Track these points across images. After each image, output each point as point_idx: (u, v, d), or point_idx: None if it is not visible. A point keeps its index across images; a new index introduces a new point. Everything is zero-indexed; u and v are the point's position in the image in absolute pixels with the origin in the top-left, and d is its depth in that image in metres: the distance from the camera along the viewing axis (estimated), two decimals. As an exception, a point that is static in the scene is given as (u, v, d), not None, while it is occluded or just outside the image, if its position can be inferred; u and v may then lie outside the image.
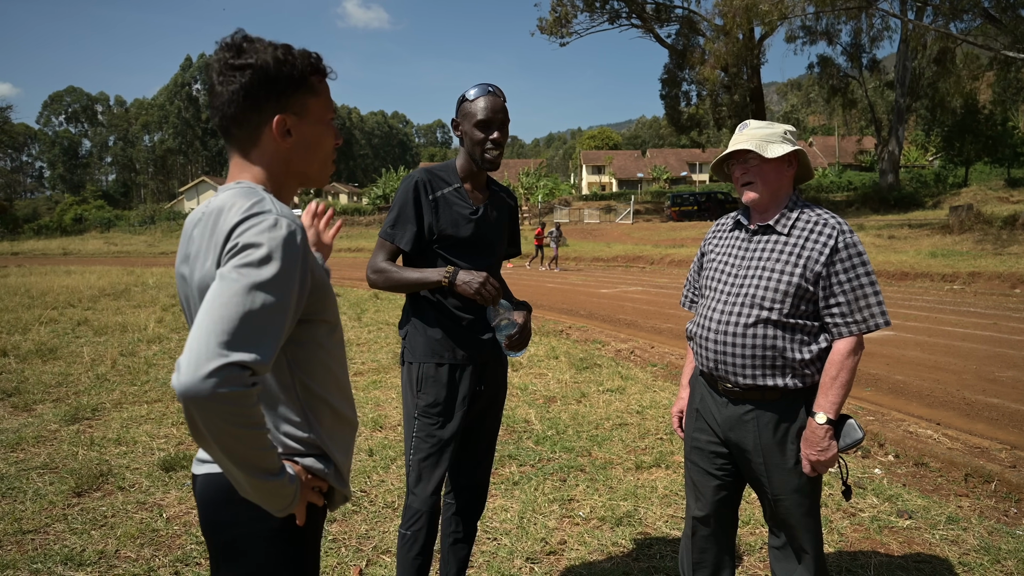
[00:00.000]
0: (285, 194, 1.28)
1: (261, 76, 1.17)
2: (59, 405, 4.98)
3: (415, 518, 2.12)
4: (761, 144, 1.89)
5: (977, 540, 2.95)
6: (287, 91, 1.20)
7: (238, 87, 1.16)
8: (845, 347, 1.85)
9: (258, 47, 1.18)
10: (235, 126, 1.21)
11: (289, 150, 1.24)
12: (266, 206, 1.13)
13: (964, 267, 14.21)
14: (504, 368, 2.34)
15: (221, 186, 1.25)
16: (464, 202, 2.16)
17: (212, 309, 1.02)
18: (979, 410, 5.01)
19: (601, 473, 3.72)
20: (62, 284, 13.88)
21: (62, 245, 39.20)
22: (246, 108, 1.18)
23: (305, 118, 1.24)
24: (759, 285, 1.90)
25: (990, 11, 22.42)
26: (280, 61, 1.18)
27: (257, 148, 1.23)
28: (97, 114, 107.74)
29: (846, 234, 1.86)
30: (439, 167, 2.21)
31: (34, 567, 2.66)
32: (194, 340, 0.99)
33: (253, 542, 1.22)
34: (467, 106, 2.11)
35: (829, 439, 1.83)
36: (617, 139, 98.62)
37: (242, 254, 1.07)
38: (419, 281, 2.07)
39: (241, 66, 1.16)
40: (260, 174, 1.24)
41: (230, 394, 0.97)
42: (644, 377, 6.01)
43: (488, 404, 2.28)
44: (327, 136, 1.28)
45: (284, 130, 1.21)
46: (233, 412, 0.99)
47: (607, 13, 35.42)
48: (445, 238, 2.12)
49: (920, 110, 36.26)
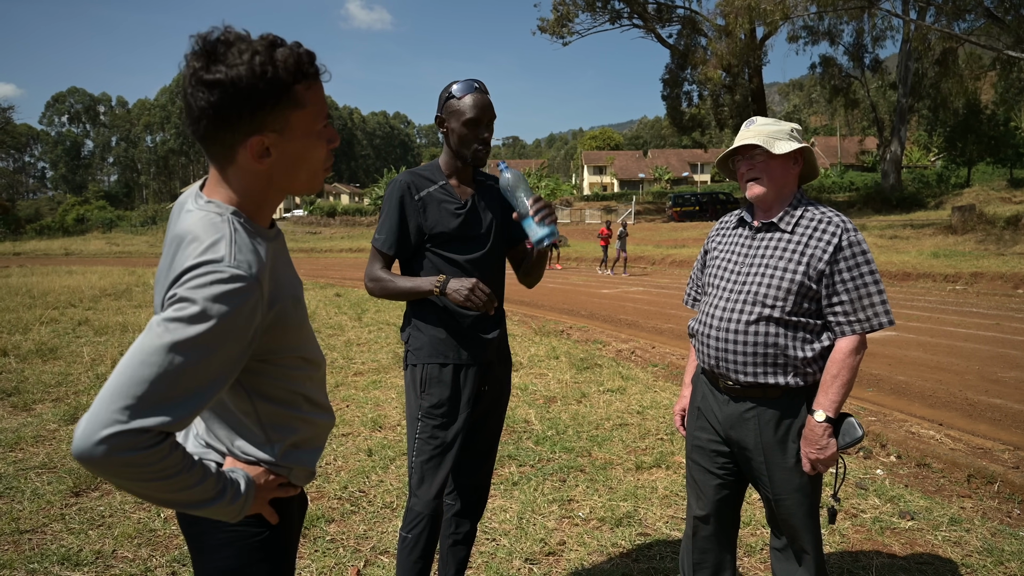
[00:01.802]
0: (267, 209, 1.17)
1: (233, 93, 1.02)
2: (59, 405, 4.97)
3: (416, 521, 2.11)
4: (768, 140, 1.88)
5: (980, 541, 2.92)
6: (264, 107, 1.04)
7: (206, 105, 1.02)
8: (847, 346, 1.83)
9: (233, 54, 1.02)
10: (207, 143, 1.08)
11: (269, 170, 1.11)
12: (219, 252, 1.02)
13: (966, 267, 14.17)
14: (508, 368, 2.32)
15: (198, 194, 1.14)
16: (451, 198, 2.14)
17: (126, 367, 0.95)
18: (982, 411, 4.98)
19: (601, 473, 3.70)
20: (63, 284, 13.89)
21: (64, 245, 39.27)
22: (218, 127, 1.05)
23: (287, 134, 1.09)
24: (762, 283, 1.89)
25: (993, 11, 22.39)
26: (257, 74, 1.02)
27: (233, 167, 1.10)
28: (99, 115, 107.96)
29: (850, 232, 1.84)
30: (423, 168, 2.20)
31: (31, 567, 2.65)
32: (97, 400, 0.93)
33: (218, 537, 1.20)
34: (454, 103, 2.08)
35: (828, 437, 1.82)
36: (619, 139, 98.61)
37: (176, 306, 0.98)
38: (412, 290, 2.06)
39: (210, 82, 1.01)
40: (237, 192, 1.12)
41: (130, 459, 0.92)
42: (645, 377, 5.99)
43: (491, 405, 2.27)
44: (315, 148, 1.14)
45: (262, 151, 1.08)
46: (138, 471, 0.94)
47: (608, 13, 35.41)
48: (435, 236, 2.10)
49: (922, 110, 36.18)
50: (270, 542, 1.24)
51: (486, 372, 2.20)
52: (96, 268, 20.25)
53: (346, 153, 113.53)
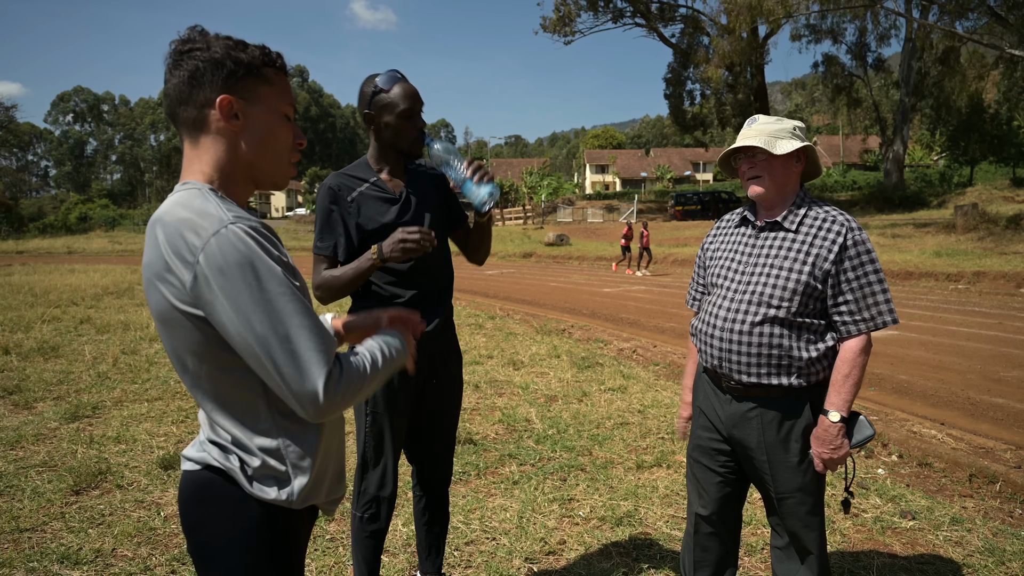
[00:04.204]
0: (239, 189, 1.22)
1: (208, 59, 1.15)
2: (60, 403, 4.97)
3: (368, 504, 2.19)
4: (770, 140, 1.86)
5: (981, 541, 2.91)
6: (235, 74, 1.17)
7: (185, 71, 1.15)
8: (856, 345, 1.82)
9: (210, 38, 1.18)
10: (181, 106, 1.17)
11: (236, 134, 1.19)
12: (210, 213, 1.10)
13: (969, 266, 14.13)
14: (458, 360, 2.33)
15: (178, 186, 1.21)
16: (384, 192, 2.14)
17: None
18: (984, 410, 4.97)
19: (602, 472, 3.69)
20: (65, 283, 13.91)
21: (67, 244, 39.29)
22: (192, 87, 1.16)
23: (255, 104, 1.19)
24: (767, 283, 1.87)
25: (996, 10, 22.32)
26: (230, 47, 1.17)
27: (203, 131, 1.18)
28: (103, 113, 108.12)
29: (855, 231, 1.83)
30: (350, 168, 2.19)
31: (30, 565, 2.65)
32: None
33: (224, 544, 1.18)
34: (383, 97, 2.06)
35: (842, 437, 1.82)
36: (621, 138, 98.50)
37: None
38: (355, 273, 2.05)
39: (189, 50, 1.16)
40: (209, 164, 1.19)
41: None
42: (646, 376, 5.98)
43: (443, 399, 2.29)
44: (282, 130, 1.23)
45: (231, 112, 1.17)
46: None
47: (611, 12, 35.38)
48: (375, 232, 2.10)
49: (925, 109, 36.09)
50: (277, 550, 1.22)
51: (433, 364, 2.22)
52: (98, 266, 20.28)
53: (348, 151, 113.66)
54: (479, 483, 3.58)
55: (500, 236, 32.64)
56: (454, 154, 2.03)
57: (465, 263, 2.55)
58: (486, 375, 5.93)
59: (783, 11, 24.48)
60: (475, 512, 3.20)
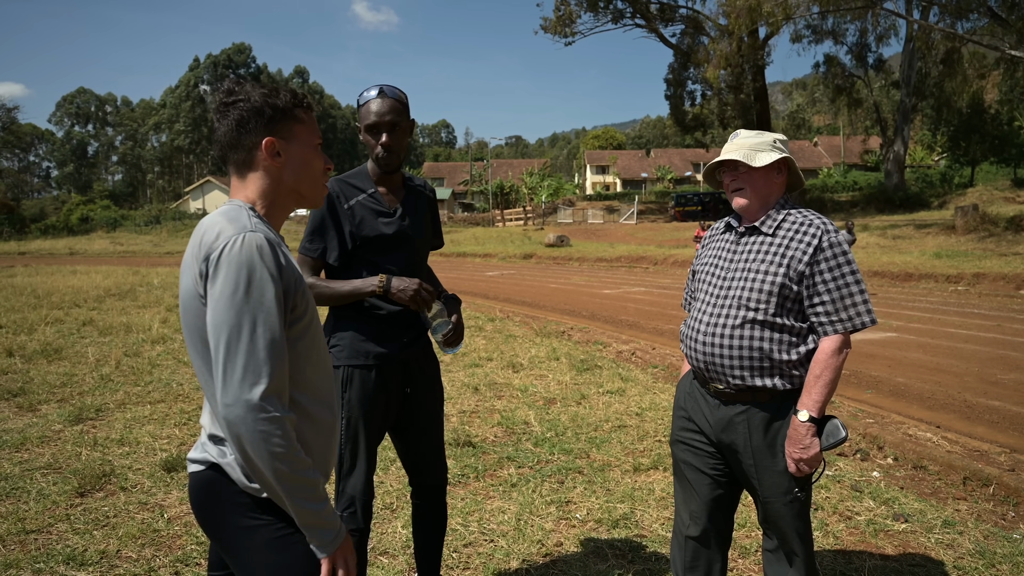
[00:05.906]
0: (279, 211, 1.44)
1: (250, 108, 1.36)
2: (63, 405, 5.02)
3: (348, 503, 2.20)
4: (749, 153, 1.94)
5: (973, 544, 2.95)
6: (274, 118, 1.38)
7: (232, 120, 1.37)
8: (830, 346, 1.87)
9: (248, 87, 1.39)
10: (231, 151, 1.39)
11: (280, 169, 1.40)
12: (242, 222, 1.29)
13: (969, 268, 14.15)
14: (435, 368, 2.37)
15: (224, 202, 1.44)
16: (379, 205, 2.18)
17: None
18: (980, 413, 5.00)
19: (599, 475, 3.74)
20: (68, 284, 13.96)
21: (68, 245, 39.39)
22: (240, 134, 1.37)
23: (292, 141, 1.41)
24: (744, 286, 1.93)
25: (996, 10, 22.32)
26: (266, 95, 1.38)
27: (251, 168, 1.40)
28: (106, 114, 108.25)
29: (831, 233, 1.89)
30: (351, 174, 2.23)
31: (36, 567, 2.69)
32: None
33: (245, 543, 1.30)
34: (361, 110, 2.12)
35: (811, 437, 1.85)
36: (621, 139, 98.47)
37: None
38: (353, 292, 2.09)
39: (233, 102, 1.37)
40: (254, 193, 1.40)
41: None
42: (644, 379, 6.02)
43: (424, 406, 2.31)
44: (315, 159, 1.45)
45: (274, 151, 1.38)
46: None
47: (611, 13, 35.39)
48: (367, 243, 2.14)
49: (926, 110, 36.11)
50: (295, 538, 1.32)
51: (408, 373, 2.25)
52: (100, 268, 20.33)
53: (349, 153, 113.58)
54: (478, 485, 3.62)
55: (500, 237, 32.68)
56: (440, 324, 2.20)
57: (464, 263, 2.64)
58: (485, 377, 5.97)
59: (782, 13, 24.49)
60: (473, 514, 3.24)
